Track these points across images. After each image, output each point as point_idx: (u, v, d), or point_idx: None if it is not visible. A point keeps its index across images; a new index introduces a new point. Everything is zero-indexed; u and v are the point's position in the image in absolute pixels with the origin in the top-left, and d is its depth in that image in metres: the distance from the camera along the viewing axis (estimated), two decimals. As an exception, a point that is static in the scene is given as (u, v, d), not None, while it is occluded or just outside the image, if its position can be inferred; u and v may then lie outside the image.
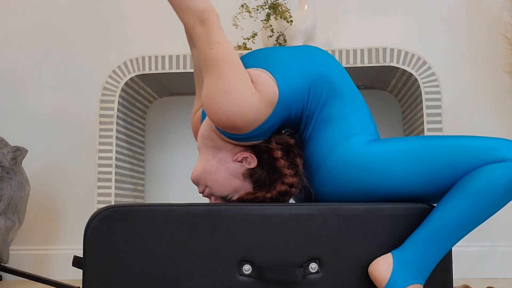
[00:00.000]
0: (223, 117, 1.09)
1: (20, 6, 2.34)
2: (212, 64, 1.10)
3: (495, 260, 2.05)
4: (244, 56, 1.24)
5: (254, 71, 1.16)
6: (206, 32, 1.13)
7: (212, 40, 1.12)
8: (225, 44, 1.12)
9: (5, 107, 2.30)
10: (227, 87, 1.08)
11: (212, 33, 1.12)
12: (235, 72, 1.09)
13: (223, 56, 1.10)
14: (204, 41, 1.13)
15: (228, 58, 1.10)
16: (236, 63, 1.11)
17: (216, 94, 1.08)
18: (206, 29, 1.13)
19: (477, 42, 2.17)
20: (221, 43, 1.11)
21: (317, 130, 1.17)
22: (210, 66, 1.11)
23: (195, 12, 1.14)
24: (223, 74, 1.09)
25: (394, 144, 1.12)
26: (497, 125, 2.13)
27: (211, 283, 1.06)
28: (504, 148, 1.04)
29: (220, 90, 1.08)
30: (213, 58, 1.11)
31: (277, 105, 1.12)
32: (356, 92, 1.21)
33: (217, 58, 1.10)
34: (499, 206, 1.04)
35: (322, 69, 1.19)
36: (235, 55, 1.12)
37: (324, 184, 1.15)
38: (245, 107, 1.08)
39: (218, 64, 1.10)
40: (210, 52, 1.11)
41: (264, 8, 1.94)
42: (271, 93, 1.12)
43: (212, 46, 1.11)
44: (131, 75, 1.90)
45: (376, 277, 1.04)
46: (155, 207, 1.08)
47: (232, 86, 1.08)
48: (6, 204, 1.76)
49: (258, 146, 1.17)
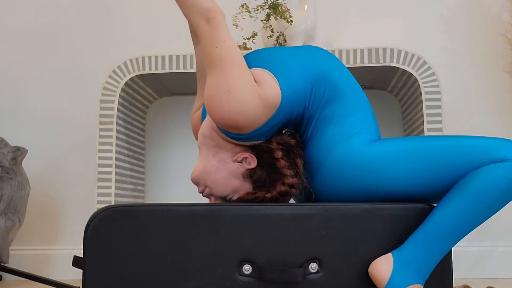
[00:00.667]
0: (225, 116, 1.08)
1: (20, 6, 2.34)
2: (216, 62, 1.10)
3: (495, 260, 2.05)
4: (246, 56, 1.24)
5: (257, 71, 1.16)
6: (211, 31, 1.12)
7: (217, 38, 1.11)
8: (230, 43, 1.11)
9: (5, 107, 2.30)
10: (230, 85, 1.08)
11: (218, 31, 1.12)
12: (238, 71, 1.09)
13: (227, 55, 1.10)
14: (209, 40, 1.12)
15: (232, 57, 1.10)
16: (240, 62, 1.10)
17: (218, 93, 1.08)
18: (211, 27, 1.12)
19: (477, 42, 2.17)
20: (226, 41, 1.11)
21: (318, 130, 1.17)
22: (214, 64, 1.10)
23: (201, 10, 1.13)
24: (227, 73, 1.09)
25: (394, 144, 1.12)
26: (497, 125, 2.13)
27: (211, 283, 1.06)
28: (504, 148, 1.04)
29: (223, 89, 1.08)
30: (217, 56, 1.10)
31: (280, 106, 1.12)
32: (359, 91, 1.21)
33: (221, 56, 1.10)
34: (499, 206, 1.04)
35: (324, 69, 1.18)
36: (239, 54, 1.11)
37: (324, 184, 1.15)
38: (247, 106, 1.08)
39: (222, 62, 1.09)
40: (215, 51, 1.11)
41: (264, 8, 1.94)
42: (274, 94, 1.12)
43: (217, 45, 1.11)
44: (131, 75, 1.90)
45: (376, 277, 1.04)
46: (155, 207, 1.08)
47: (235, 85, 1.08)
48: (6, 204, 1.76)
49: (258, 146, 1.16)
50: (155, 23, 2.29)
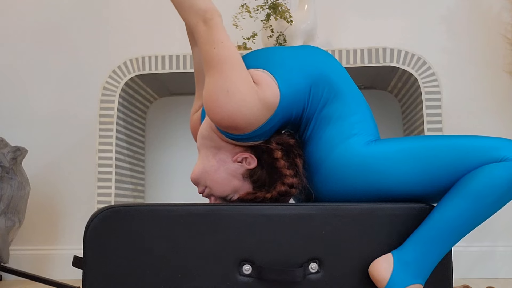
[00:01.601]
0: (224, 117, 1.08)
1: (20, 6, 2.34)
2: (214, 63, 1.10)
3: (495, 260, 2.05)
4: (245, 56, 1.24)
5: (256, 72, 1.15)
6: (209, 32, 1.12)
7: (215, 39, 1.11)
8: (228, 44, 1.11)
9: (5, 107, 2.30)
10: (228, 86, 1.08)
11: (215, 32, 1.12)
12: (237, 72, 1.09)
13: (225, 56, 1.10)
14: (206, 41, 1.12)
15: (230, 58, 1.10)
16: (239, 63, 1.10)
17: (217, 94, 1.08)
18: (209, 29, 1.12)
19: (477, 42, 2.17)
20: (224, 42, 1.11)
21: (317, 130, 1.17)
22: (212, 65, 1.10)
23: (198, 11, 1.13)
24: (225, 74, 1.09)
25: (394, 144, 1.12)
26: (497, 125, 2.13)
27: (211, 283, 1.06)
28: (504, 147, 1.04)
29: (222, 90, 1.08)
30: (215, 57, 1.10)
31: (279, 106, 1.12)
32: (357, 92, 1.21)
33: (219, 57, 1.10)
34: (499, 206, 1.04)
35: (323, 70, 1.19)
36: (237, 55, 1.11)
37: (324, 184, 1.15)
38: (246, 107, 1.07)
39: (221, 63, 1.09)
40: (213, 52, 1.11)
41: (264, 8, 1.94)
42: (273, 95, 1.12)
43: (215, 46, 1.11)
44: (131, 75, 1.90)
45: (376, 277, 1.04)
46: (155, 207, 1.08)
47: (233, 86, 1.08)
48: (6, 204, 1.76)
49: (258, 146, 1.16)
50: (155, 23, 2.29)
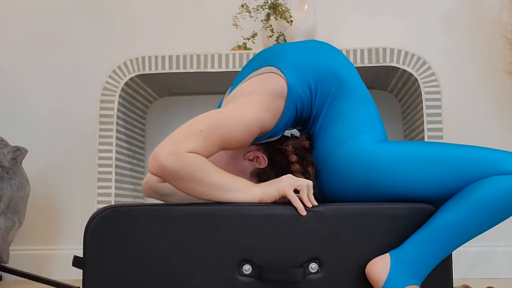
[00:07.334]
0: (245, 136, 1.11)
1: (20, 7, 2.34)
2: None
3: (495, 260, 2.05)
4: (253, 58, 1.27)
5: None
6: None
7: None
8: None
9: (5, 107, 2.30)
10: (237, 120, 1.10)
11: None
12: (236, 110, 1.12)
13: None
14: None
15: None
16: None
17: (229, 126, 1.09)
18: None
19: (477, 42, 2.17)
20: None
21: (325, 126, 1.18)
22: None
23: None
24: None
25: (403, 147, 1.12)
26: (497, 125, 2.13)
27: (211, 283, 1.06)
28: (511, 161, 1.05)
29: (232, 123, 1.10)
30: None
31: (288, 96, 1.15)
32: (364, 88, 1.22)
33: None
34: (501, 218, 1.03)
35: (331, 64, 1.20)
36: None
37: (330, 179, 1.16)
38: (259, 120, 1.11)
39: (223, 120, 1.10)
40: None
41: (264, 8, 1.94)
42: (280, 87, 1.14)
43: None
44: (131, 75, 1.90)
45: (373, 277, 1.04)
46: (155, 207, 1.08)
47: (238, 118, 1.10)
48: (6, 204, 1.76)
49: (273, 147, 1.18)
50: (155, 23, 2.29)
